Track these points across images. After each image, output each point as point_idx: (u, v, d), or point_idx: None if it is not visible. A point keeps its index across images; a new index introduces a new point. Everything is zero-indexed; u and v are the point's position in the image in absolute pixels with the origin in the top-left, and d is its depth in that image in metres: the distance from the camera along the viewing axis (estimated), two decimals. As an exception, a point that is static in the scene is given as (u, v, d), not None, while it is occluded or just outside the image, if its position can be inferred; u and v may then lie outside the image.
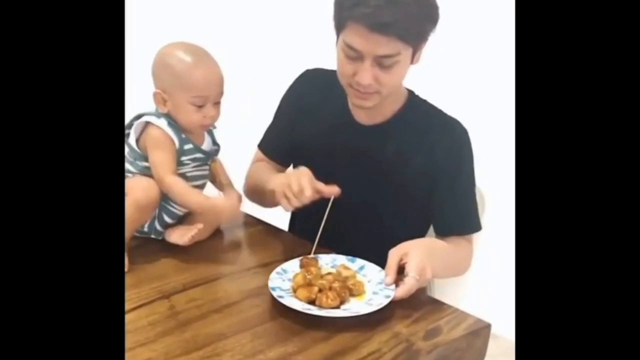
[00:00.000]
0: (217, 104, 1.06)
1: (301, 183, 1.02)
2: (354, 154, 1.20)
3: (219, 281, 1.01)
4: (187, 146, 1.07)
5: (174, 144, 1.05)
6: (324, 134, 1.15)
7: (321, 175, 1.07)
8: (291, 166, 1.28)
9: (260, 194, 1.21)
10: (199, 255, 1.08)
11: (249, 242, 1.21)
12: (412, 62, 1.10)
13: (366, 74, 1.04)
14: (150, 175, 1.06)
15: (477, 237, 1.48)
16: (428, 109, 1.22)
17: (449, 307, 0.95)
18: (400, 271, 0.98)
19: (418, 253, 0.99)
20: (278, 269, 1.00)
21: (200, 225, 1.07)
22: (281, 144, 1.28)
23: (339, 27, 1.06)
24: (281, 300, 0.91)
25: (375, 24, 0.99)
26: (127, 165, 1.08)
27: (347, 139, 1.21)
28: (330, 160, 1.19)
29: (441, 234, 1.21)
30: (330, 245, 1.09)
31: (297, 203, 1.03)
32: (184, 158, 1.07)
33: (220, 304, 0.93)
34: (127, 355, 0.79)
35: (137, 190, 1.03)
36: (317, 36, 2.05)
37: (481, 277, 1.59)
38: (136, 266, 1.03)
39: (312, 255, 1.04)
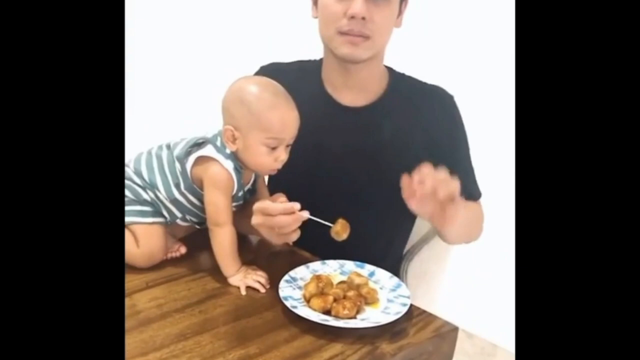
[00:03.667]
0: (288, 146, 0.99)
1: (281, 222, 0.94)
2: (346, 139, 1.15)
3: (183, 279, 0.99)
4: (239, 193, 1.02)
5: (233, 189, 0.99)
6: (309, 124, 1.04)
7: (311, 167, 1.03)
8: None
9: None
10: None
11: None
12: (397, 18, 1.11)
13: (359, 3, 1.03)
14: (185, 209, 1.02)
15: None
16: (411, 82, 1.21)
17: (416, 308, 0.94)
18: None
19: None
20: (286, 277, 0.96)
21: (183, 250, 1.06)
22: None
23: None
24: (295, 310, 0.87)
25: None
26: (158, 184, 1.00)
27: (336, 124, 1.16)
28: (319, 149, 1.14)
29: None
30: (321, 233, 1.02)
31: (292, 237, 0.97)
32: None
33: (183, 304, 0.91)
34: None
35: (156, 242, 1.01)
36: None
37: (457, 277, 1.58)
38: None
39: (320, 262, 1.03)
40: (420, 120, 1.17)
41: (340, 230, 0.95)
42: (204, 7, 2.46)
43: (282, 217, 0.93)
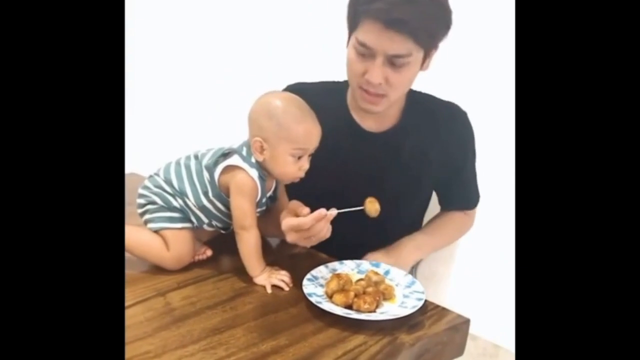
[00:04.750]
0: (309, 156, 1.06)
1: (313, 230, 1.01)
2: (367, 163, 1.22)
3: (211, 279, 1.05)
4: (262, 199, 1.08)
5: (257, 196, 1.05)
6: (332, 147, 1.10)
7: (333, 186, 1.09)
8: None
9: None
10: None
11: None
12: (421, 67, 1.11)
13: (377, 72, 1.05)
14: (212, 215, 1.08)
15: (457, 242, 1.54)
16: (426, 100, 1.26)
17: (431, 303, 1.01)
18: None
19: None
20: (308, 276, 1.03)
21: (209, 253, 1.13)
22: None
23: (353, 25, 1.07)
24: (320, 305, 0.94)
25: (390, 20, 0.99)
26: (188, 192, 1.06)
27: (358, 148, 1.22)
28: (342, 171, 1.20)
29: (445, 209, 1.35)
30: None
31: (327, 235, 1.04)
32: None
33: (214, 301, 0.98)
34: (126, 348, 0.83)
35: (184, 246, 1.07)
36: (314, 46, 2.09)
37: (460, 279, 1.64)
38: (130, 265, 1.07)
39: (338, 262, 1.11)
40: (438, 137, 1.23)
41: (373, 201, 1.05)
42: (200, 9, 2.50)
43: (315, 225, 1.01)
